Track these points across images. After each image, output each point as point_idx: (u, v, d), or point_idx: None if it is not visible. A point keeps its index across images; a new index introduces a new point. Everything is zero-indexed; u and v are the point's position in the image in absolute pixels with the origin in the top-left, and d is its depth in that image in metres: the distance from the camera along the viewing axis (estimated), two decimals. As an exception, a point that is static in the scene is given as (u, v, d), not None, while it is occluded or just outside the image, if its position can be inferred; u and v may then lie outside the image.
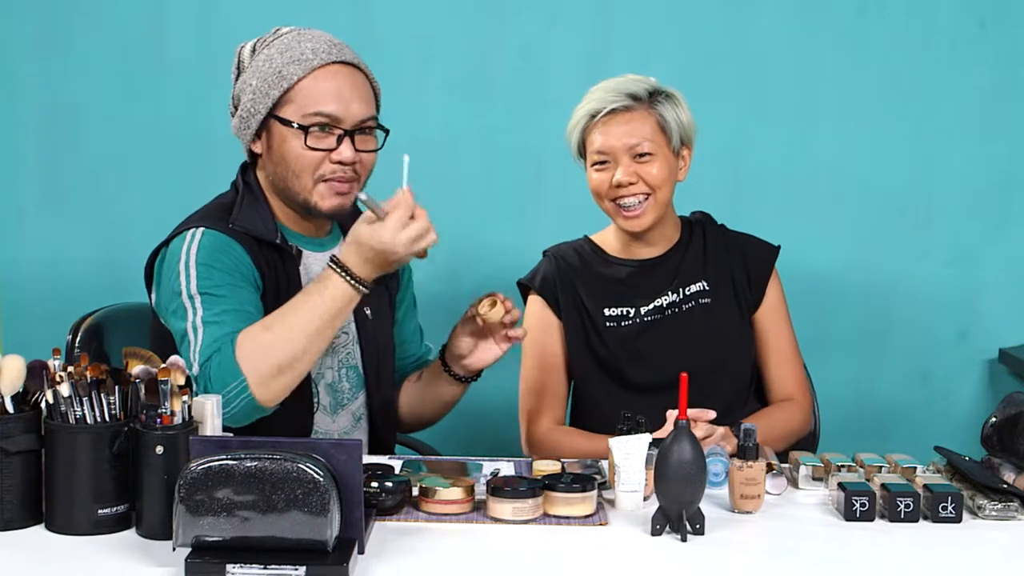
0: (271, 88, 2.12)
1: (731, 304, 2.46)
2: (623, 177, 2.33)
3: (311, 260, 2.22)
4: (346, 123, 2.12)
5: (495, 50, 3.17)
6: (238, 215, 2.15)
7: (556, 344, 2.45)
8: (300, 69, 2.11)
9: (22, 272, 3.21)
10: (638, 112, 2.35)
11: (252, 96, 2.14)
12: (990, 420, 2.05)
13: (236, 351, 1.92)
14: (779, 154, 3.19)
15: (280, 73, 2.12)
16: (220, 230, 2.11)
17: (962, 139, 3.19)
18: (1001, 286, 3.22)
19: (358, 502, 1.65)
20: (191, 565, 1.57)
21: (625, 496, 1.92)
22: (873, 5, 3.16)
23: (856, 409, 3.23)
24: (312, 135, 2.11)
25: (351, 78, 2.15)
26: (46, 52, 3.17)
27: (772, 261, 2.50)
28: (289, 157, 2.13)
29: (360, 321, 2.27)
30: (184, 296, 2.03)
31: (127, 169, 3.21)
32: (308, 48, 2.13)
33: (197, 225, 2.11)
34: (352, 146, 2.13)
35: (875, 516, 1.88)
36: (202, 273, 2.04)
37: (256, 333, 1.95)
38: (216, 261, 2.06)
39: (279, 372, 1.94)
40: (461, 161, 3.17)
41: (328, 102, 2.11)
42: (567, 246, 2.52)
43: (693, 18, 3.16)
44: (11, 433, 1.74)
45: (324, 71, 2.13)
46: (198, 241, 2.08)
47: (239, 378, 1.91)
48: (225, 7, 3.16)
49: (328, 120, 2.11)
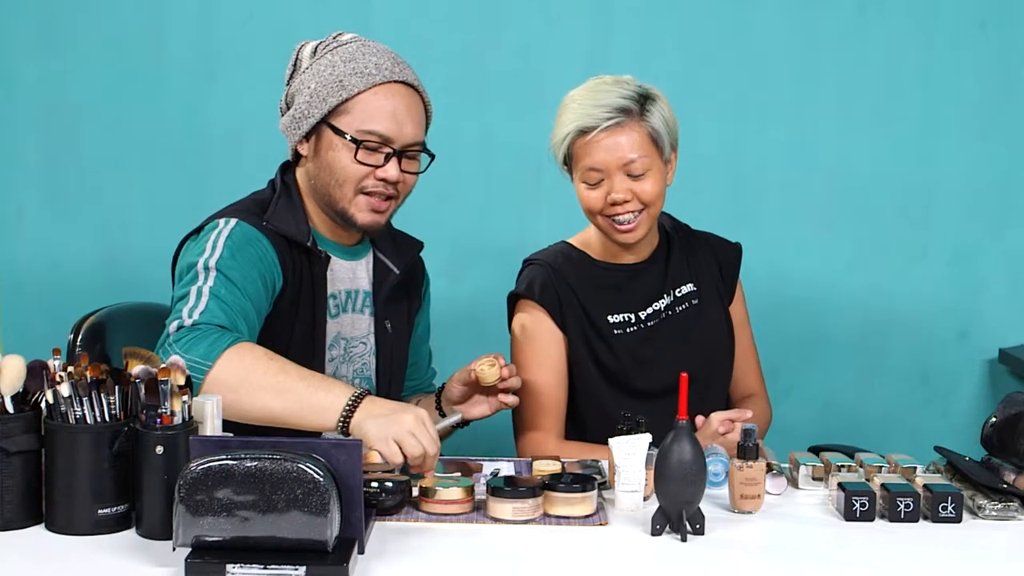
0: (330, 95, 2.12)
1: (715, 302, 2.45)
2: (618, 195, 2.26)
3: (338, 266, 2.22)
4: (396, 144, 2.13)
5: (494, 50, 3.17)
6: (272, 213, 2.15)
7: (559, 356, 2.35)
8: (362, 82, 2.11)
9: (22, 272, 3.22)
10: (630, 126, 2.26)
11: (309, 99, 2.14)
12: (990, 420, 2.05)
13: (232, 346, 1.92)
14: (779, 155, 3.19)
15: (341, 82, 2.12)
16: (253, 224, 2.12)
17: (962, 139, 3.19)
18: (1001, 286, 3.22)
19: (358, 502, 1.65)
20: (191, 565, 1.57)
21: (625, 496, 1.92)
22: (873, 5, 3.16)
23: (856, 409, 3.23)
24: (363, 151, 2.11)
25: (408, 100, 2.15)
26: (46, 52, 3.18)
27: (739, 257, 2.50)
28: (336, 166, 2.13)
29: (380, 334, 2.28)
30: (200, 265, 2.04)
31: (127, 169, 3.21)
32: (372, 63, 2.13)
33: (231, 216, 2.12)
34: (398, 167, 2.13)
35: (875, 516, 1.88)
36: (226, 254, 2.05)
37: (259, 353, 1.95)
38: (242, 250, 2.07)
39: (232, 390, 1.90)
40: (461, 161, 3.17)
41: (383, 121, 2.12)
42: (553, 253, 2.43)
43: (693, 18, 3.16)
44: (11, 433, 1.74)
45: (385, 88, 2.13)
46: (230, 228, 2.09)
47: (208, 361, 1.90)
48: (225, 7, 3.17)
49: (380, 140, 2.12)
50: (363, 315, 2.27)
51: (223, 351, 1.91)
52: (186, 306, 1.98)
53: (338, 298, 2.22)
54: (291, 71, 2.21)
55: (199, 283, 2.01)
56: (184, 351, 1.90)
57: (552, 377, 2.34)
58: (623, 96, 2.27)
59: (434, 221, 3.17)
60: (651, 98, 2.30)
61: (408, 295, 2.35)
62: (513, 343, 2.38)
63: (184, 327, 1.95)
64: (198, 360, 1.90)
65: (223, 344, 1.92)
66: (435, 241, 2.81)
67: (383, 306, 2.28)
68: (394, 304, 2.31)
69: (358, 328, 2.26)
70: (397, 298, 2.31)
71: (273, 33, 3.12)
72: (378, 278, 2.28)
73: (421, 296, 2.41)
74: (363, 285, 2.27)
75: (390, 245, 2.31)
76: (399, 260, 2.30)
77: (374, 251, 2.29)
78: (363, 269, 2.27)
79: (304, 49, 2.20)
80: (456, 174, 3.16)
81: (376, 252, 2.29)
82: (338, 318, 2.22)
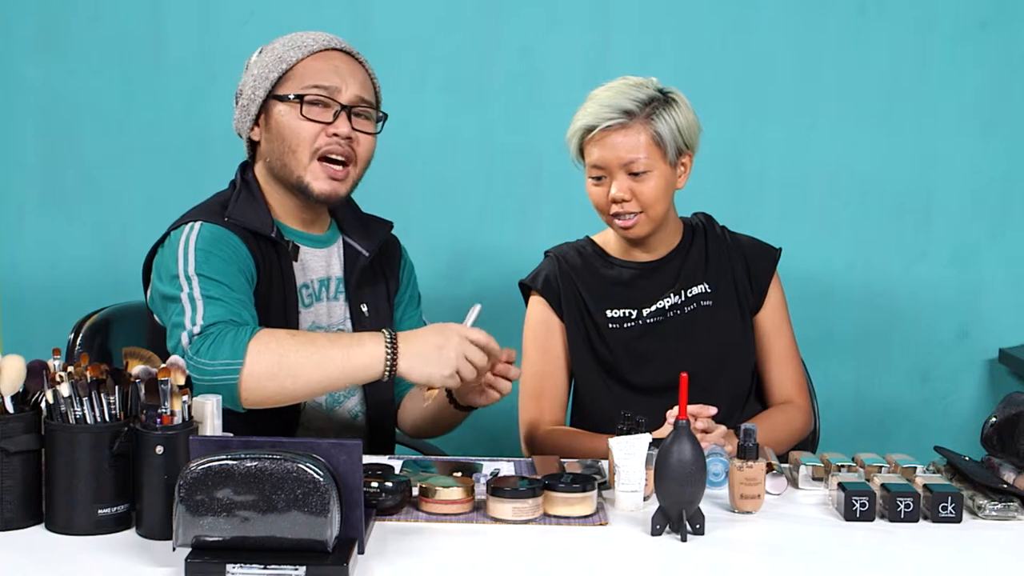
0: (271, 72, 2.16)
1: (732, 306, 2.46)
2: (617, 193, 2.33)
3: (310, 256, 2.23)
4: (343, 98, 2.15)
5: (494, 51, 3.18)
6: (233, 209, 2.16)
7: (558, 345, 2.45)
8: (300, 53, 2.16)
9: (22, 272, 3.22)
10: (633, 128, 2.32)
11: (253, 84, 2.19)
12: (990, 420, 2.05)
13: (253, 338, 1.92)
14: (779, 154, 3.20)
15: (280, 58, 2.17)
16: (216, 223, 2.12)
17: (962, 139, 3.19)
18: (1001, 286, 3.23)
19: (358, 502, 1.65)
20: (191, 565, 1.57)
21: (625, 496, 1.92)
22: (873, 5, 3.16)
23: (856, 409, 3.24)
24: (308, 106, 2.13)
25: (350, 64, 2.19)
26: (46, 52, 3.18)
27: (773, 263, 2.50)
28: (286, 132, 2.15)
29: (356, 317, 2.28)
30: (181, 277, 2.03)
31: (127, 169, 3.21)
32: (310, 38, 2.19)
33: (195, 219, 2.13)
34: (348, 122, 2.15)
35: (875, 516, 1.88)
36: (200, 258, 2.05)
37: (281, 335, 1.95)
38: (215, 249, 2.07)
39: (272, 378, 1.92)
40: (461, 162, 3.17)
41: (326, 77, 2.15)
42: (569, 246, 2.53)
43: (693, 18, 3.17)
44: (11, 433, 1.74)
45: (324, 54, 2.18)
46: (196, 232, 2.09)
47: (238, 359, 1.90)
48: (225, 7, 3.17)
49: (325, 93, 2.14)
50: (338, 302, 2.28)
51: (247, 345, 1.91)
52: (184, 317, 1.98)
53: (311, 287, 2.23)
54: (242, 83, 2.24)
55: (186, 292, 2.01)
56: (210, 359, 1.90)
57: (549, 364, 2.45)
58: (633, 99, 2.33)
59: (434, 221, 3.18)
60: (666, 102, 2.36)
61: (385, 276, 2.36)
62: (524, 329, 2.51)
63: (195, 336, 1.94)
64: (228, 362, 1.90)
65: (244, 338, 1.92)
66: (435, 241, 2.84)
67: (356, 291, 2.28)
68: (369, 287, 2.31)
69: (334, 315, 2.27)
70: (372, 280, 2.32)
71: (273, 33, 3.07)
72: (349, 263, 2.29)
73: (399, 276, 2.41)
74: (336, 272, 2.28)
75: (358, 228, 2.32)
76: (369, 243, 2.31)
77: (343, 237, 2.30)
78: (335, 256, 2.29)
79: (251, 58, 2.24)
80: (456, 174, 3.17)
81: (345, 238, 2.31)
82: (312, 307, 2.23)
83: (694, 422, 2.13)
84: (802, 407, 2.47)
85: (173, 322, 2.00)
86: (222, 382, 1.90)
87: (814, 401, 2.64)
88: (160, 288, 2.08)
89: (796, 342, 2.51)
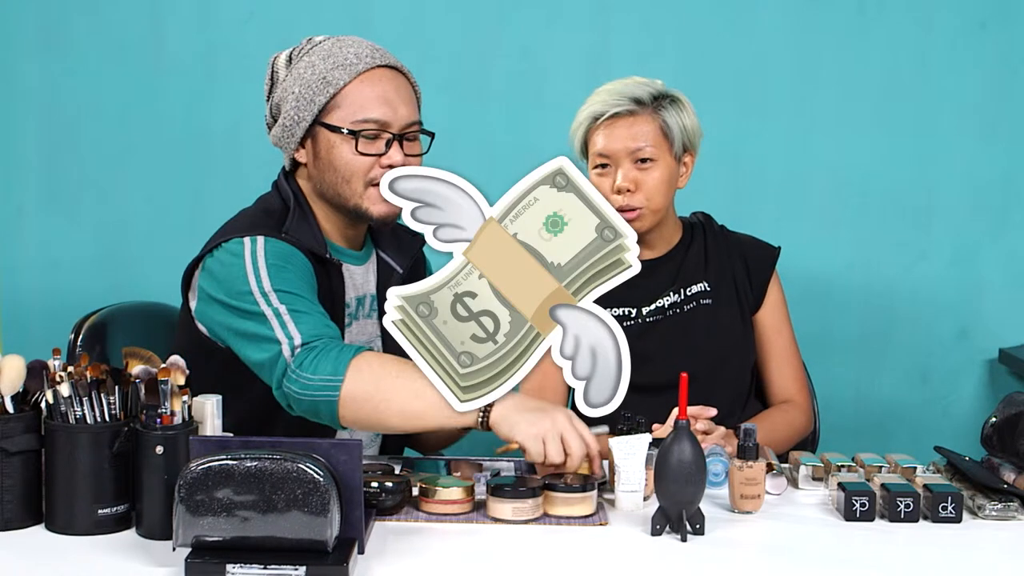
0: (316, 95, 2.09)
1: (732, 305, 2.46)
2: (623, 182, 2.33)
3: (348, 273, 2.19)
4: (394, 127, 2.10)
5: (494, 50, 3.18)
6: (291, 226, 2.11)
7: None
8: (346, 74, 2.09)
9: (22, 272, 3.22)
10: (641, 116, 2.34)
11: (295, 104, 2.10)
12: (990, 420, 2.05)
13: (357, 356, 1.88)
14: (779, 154, 3.20)
15: (325, 79, 2.09)
16: (278, 238, 2.06)
17: (962, 139, 3.19)
18: (1001, 286, 3.23)
19: (358, 502, 1.65)
20: (191, 565, 1.57)
21: (625, 496, 1.92)
22: (873, 5, 3.16)
23: (856, 409, 3.23)
24: (362, 141, 2.09)
25: (395, 82, 2.13)
26: (46, 52, 3.18)
27: (773, 262, 2.50)
28: (339, 163, 2.10)
29: (386, 336, 2.24)
30: (256, 292, 1.97)
31: (127, 169, 3.21)
32: (351, 53, 2.11)
33: (251, 233, 2.06)
34: (401, 151, 2.11)
35: (875, 516, 1.88)
36: (274, 273, 2.00)
37: (385, 358, 1.91)
38: (287, 263, 2.03)
39: (368, 399, 1.87)
40: (461, 161, 3.15)
41: (376, 108, 2.09)
42: None
43: (693, 18, 3.17)
44: (11, 433, 1.74)
45: (369, 75, 2.11)
46: (262, 247, 2.03)
47: (339, 376, 1.86)
48: (225, 7, 3.17)
49: (377, 126, 2.09)
50: (371, 320, 2.25)
51: (348, 364, 1.87)
52: (275, 332, 1.93)
53: (351, 306, 2.20)
54: (269, 85, 2.18)
55: (268, 307, 1.96)
56: (312, 373, 1.87)
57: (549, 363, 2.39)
58: (642, 91, 2.36)
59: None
60: (672, 100, 2.37)
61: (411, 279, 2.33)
62: None
63: (299, 348, 1.90)
64: (328, 378, 1.86)
65: (347, 357, 1.87)
66: (435, 241, 2.81)
67: None
68: None
69: (366, 333, 2.24)
70: None
71: (273, 33, 3.12)
72: (382, 280, 2.25)
73: None
74: (370, 289, 2.25)
75: (393, 242, 2.29)
76: (402, 259, 2.28)
77: (377, 252, 2.28)
78: (371, 272, 2.26)
79: (278, 59, 2.17)
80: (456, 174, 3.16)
81: (379, 252, 2.28)
82: (351, 326, 2.20)
83: (694, 423, 2.13)
84: (802, 406, 2.47)
85: (261, 335, 1.95)
86: (323, 398, 1.87)
87: (814, 401, 2.65)
88: (227, 302, 2.02)
89: (796, 341, 2.51)
